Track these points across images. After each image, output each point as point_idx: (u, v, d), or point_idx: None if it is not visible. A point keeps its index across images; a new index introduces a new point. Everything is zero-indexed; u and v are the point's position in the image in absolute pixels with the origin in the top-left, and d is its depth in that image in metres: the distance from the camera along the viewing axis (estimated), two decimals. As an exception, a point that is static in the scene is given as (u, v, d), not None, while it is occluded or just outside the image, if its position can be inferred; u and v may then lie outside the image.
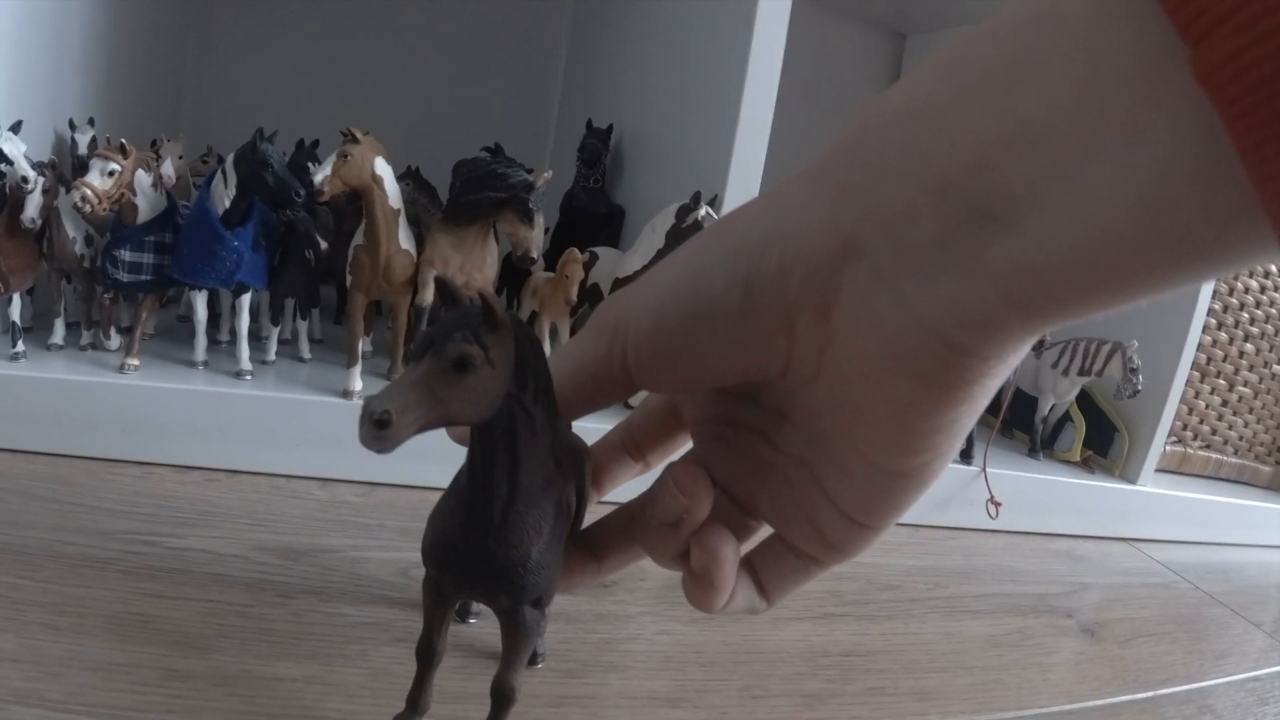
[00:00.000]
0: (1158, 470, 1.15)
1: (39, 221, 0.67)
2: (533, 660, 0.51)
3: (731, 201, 0.83)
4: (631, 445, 0.39)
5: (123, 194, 0.68)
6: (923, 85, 0.23)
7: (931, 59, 0.24)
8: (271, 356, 0.82)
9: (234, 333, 0.77)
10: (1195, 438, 1.27)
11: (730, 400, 0.32)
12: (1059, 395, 1.09)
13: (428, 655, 0.38)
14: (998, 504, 0.93)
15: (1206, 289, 1.07)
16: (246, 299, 0.76)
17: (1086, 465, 1.12)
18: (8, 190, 0.66)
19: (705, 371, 0.28)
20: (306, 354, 0.86)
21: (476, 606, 0.54)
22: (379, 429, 0.25)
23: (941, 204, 0.22)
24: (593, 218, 1.09)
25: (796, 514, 0.31)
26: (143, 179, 0.70)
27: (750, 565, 0.33)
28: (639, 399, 0.40)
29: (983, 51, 0.22)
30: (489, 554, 0.32)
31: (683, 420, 0.37)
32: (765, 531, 0.34)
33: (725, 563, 0.30)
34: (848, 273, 0.25)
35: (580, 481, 0.37)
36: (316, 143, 0.93)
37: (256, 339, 0.84)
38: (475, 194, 0.72)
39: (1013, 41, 0.21)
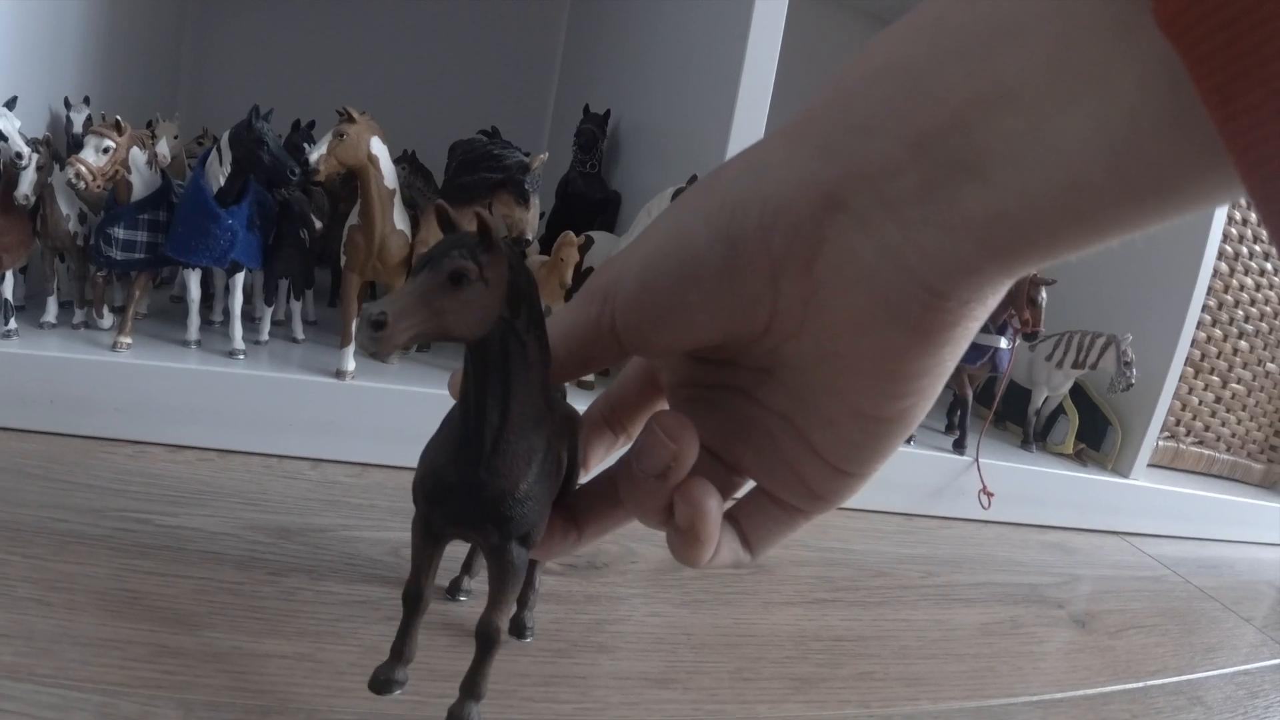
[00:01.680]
0: (1150, 465, 1.15)
1: (33, 198, 0.67)
2: (521, 634, 0.51)
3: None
4: (612, 418, 0.40)
5: (117, 171, 0.68)
6: (901, 45, 0.24)
7: (907, 20, 0.25)
8: (265, 337, 0.82)
9: (227, 312, 0.77)
10: (1188, 433, 1.27)
11: (708, 362, 0.33)
12: (1052, 388, 1.09)
13: (414, 600, 0.38)
14: (990, 495, 0.93)
15: (1202, 284, 1.07)
16: (240, 278, 0.76)
17: (1079, 458, 1.12)
18: (1, 167, 0.66)
19: (691, 331, 0.29)
20: (300, 335, 0.86)
21: (467, 584, 0.54)
22: (375, 330, 0.26)
23: (922, 158, 0.23)
24: (589, 203, 1.08)
25: (780, 466, 0.31)
26: (137, 157, 0.70)
27: (734, 519, 0.33)
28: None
29: (958, 12, 0.23)
30: (479, 483, 0.33)
31: (661, 389, 0.37)
32: (748, 487, 0.34)
33: (710, 515, 0.30)
34: (831, 226, 0.25)
35: (573, 446, 0.37)
36: (312, 124, 0.92)
37: (250, 319, 0.84)
38: (471, 175, 0.72)
39: (987, 1, 0.22)
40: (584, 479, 0.39)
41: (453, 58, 1.45)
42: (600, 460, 0.40)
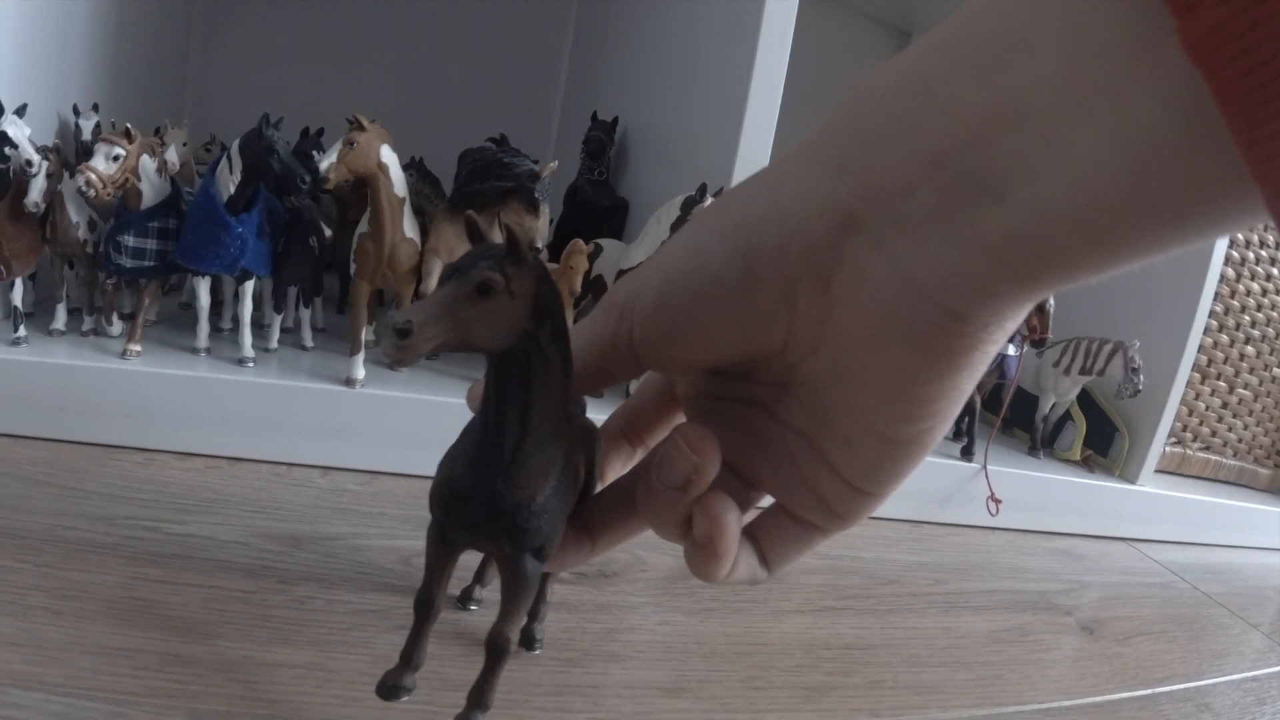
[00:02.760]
0: (1157, 471, 1.15)
1: (42, 206, 0.67)
2: (530, 646, 0.51)
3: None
4: (630, 431, 0.40)
5: (127, 179, 0.68)
6: (917, 61, 0.24)
7: (925, 36, 0.24)
8: (274, 344, 0.82)
9: (236, 320, 0.77)
10: (1195, 439, 1.27)
11: (726, 377, 0.32)
12: (1060, 394, 1.09)
13: (426, 607, 0.38)
14: (998, 501, 0.93)
15: (1208, 291, 1.07)
16: (250, 286, 0.76)
17: (1086, 465, 1.12)
18: (11, 174, 0.66)
19: (708, 348, 0.29)
20: (309, 342, 0.86)
21: (479, 593, 0.54)
22: (399, 338, 0.26)
23: (937, 176, 0.23)
24: (596, 210, 1.09)
25: (798, 483, 0.30)
26: (147, 164, 0.70)
27: (752, 535, 0.32)
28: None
29: (975, 26, 0.23)
30: (496, 494, 0.33)
31: (679, 402, 0.37)
32: (766, 503, 0.34)
33: (729, 529, 0.29)
34: (847, 245, 0.25)
35: (590, 459, 0.37)
36: (321, 131, 0.92)
37: (259, 327, 0.84)
38: (481, 183, 0.72)
39: (1004, 16, 0.22)
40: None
41: (460, 65, 1.46)
42: (617, 473, 0.40)
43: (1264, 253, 1.20)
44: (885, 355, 0.25)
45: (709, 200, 0.78)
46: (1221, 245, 1.07)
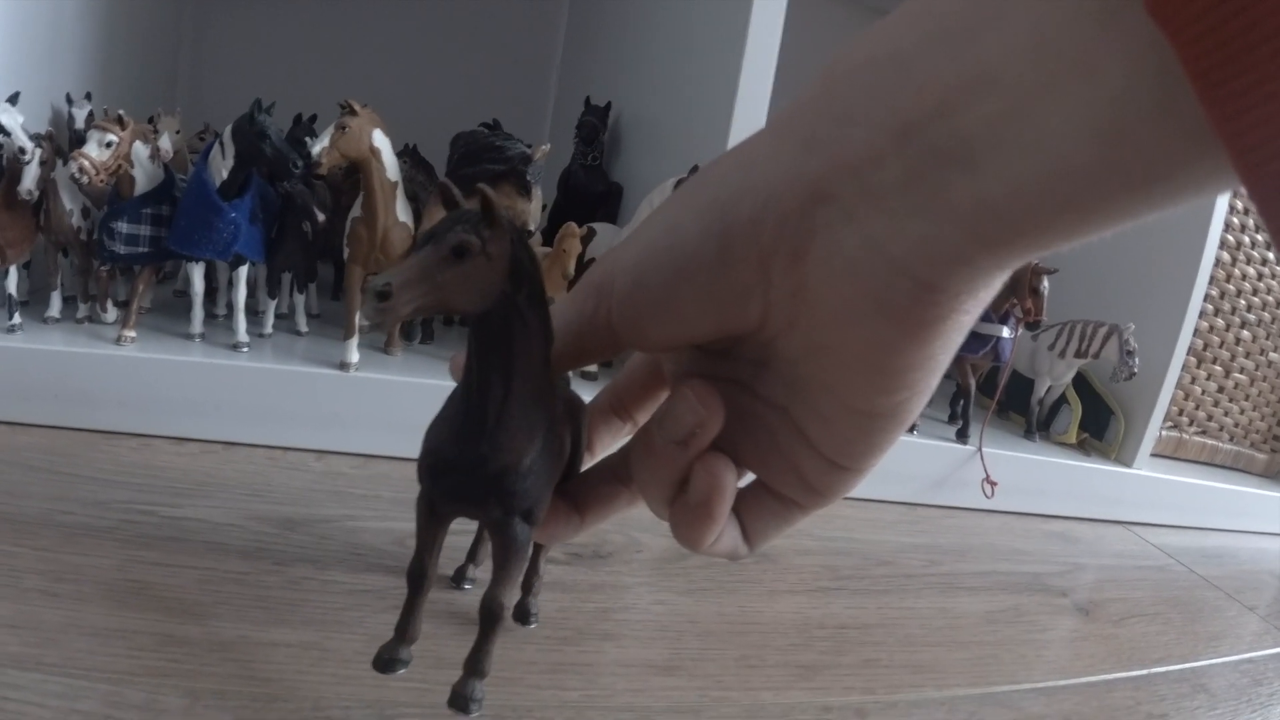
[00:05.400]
0: (1153, 455, 1.15)
1: (36, 193, 0.67)
2: (525, 620, 0.51)
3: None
4: (619, 407, 0.40)
5: (120, 166, 0.68)
6: (886, 35, 0.24)
7: (896, 11, 0.24)
8: (268, 330, 0.82)
9: (230, 306, 0.77)
10: (1191, 423, 1.27)
11: (709, 354, 0.33)
12: (1055, 377, 1.09)
13: (418, 578, 0.38)
14: (994, 484, 0.93)
15: (1204, 275, 1.07)
16: (244, 271, 0.76)
17: (1082, 448, 1.12)
18: (5, 161, 0.66)
19: (685, 326, 0.29)
20: (303, 328, 0.86)
21: (472, 572, 0.54)
22: (379, 300, 0.26)
23: (906, 148, 0.23)
24: (590, 195, 1.08)
25: (778, 459, 0.31)
26: (140, 151, 0.70)
27: (734, 510, 0.32)
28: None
29: (944, 0, 0.23)
30: (481, 458, 0.33)
31: (666, 378, 0.37)
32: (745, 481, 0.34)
33: (727, 489, 0.30)
34: (819, 218, 0.25)
35: (576, 432, 0.37)
36: (314, 117, 0.92)
37: (253, 313, 0.84)
38: (473, 166, 0.72)
39: None
40: (588, 465, 0.40)
41: (454, 50, 1.45)
42: (606, 447, 0.40)
43: (1260, 236, 1.20)
44: (859, 327, 0.26)
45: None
46: (1216, 229, 1.07)
